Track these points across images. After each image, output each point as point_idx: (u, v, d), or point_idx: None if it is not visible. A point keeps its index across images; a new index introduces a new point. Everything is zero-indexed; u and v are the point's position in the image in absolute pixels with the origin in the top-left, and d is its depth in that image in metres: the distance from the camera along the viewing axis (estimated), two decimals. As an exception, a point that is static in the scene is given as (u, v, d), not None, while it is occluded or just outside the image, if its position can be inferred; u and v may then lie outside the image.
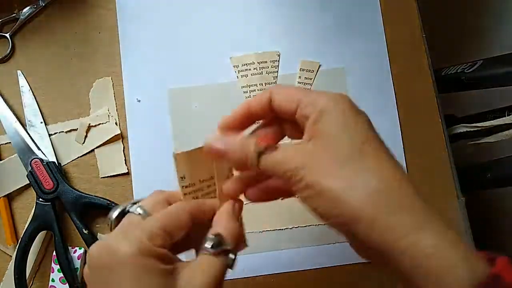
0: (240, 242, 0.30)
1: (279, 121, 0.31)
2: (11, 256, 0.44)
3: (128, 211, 0.29)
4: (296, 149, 0.28)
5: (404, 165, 0.47)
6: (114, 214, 0.29)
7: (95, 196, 0.45)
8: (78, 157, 0.47)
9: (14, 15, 0.49)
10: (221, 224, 0.30)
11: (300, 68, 0.48)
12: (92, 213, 0.46)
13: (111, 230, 0.29)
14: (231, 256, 0.28)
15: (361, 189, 0.25)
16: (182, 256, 0.30)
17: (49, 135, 0.47)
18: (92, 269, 0.27)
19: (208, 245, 0.28)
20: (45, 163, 0.45)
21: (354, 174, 0.25)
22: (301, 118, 0.28)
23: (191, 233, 0.29)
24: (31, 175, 0.44)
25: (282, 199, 0.45)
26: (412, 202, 0.25)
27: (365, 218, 0.25)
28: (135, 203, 0.30)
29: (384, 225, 0.24)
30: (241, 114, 0.32)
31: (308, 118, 0.28)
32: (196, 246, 0.30)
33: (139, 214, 0.28)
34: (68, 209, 0.44)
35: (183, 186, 0.30)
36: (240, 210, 0.32)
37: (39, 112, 0.47)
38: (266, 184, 0.32)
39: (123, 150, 0.47)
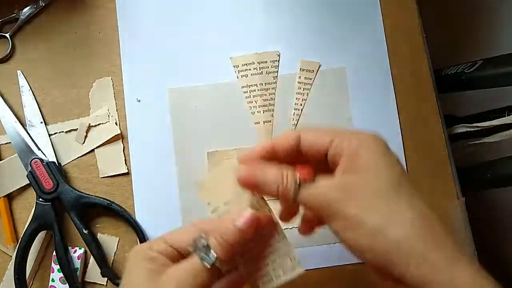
0: (235, 255, 0.29)
1: (303, 161, 0.30)
2: (11, 256, 0.44)
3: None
4: (333, 182, 0.28)
5: (404, 165, 0.47)
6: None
7: (95, 196, 0.45)
8: (78, 157, 0.47)
9: (14, 15, 0.49)
10: (217, 231, 0.29)
11: (300, 68, 0.48)
12: (92, 213, 0.46)
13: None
14: (209, 259, 0.27)
15: (400, 224, 0.25)
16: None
17: (49, 135, 0.47)
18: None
19: (194, 247, 0.28)
20: (45, 163, 0.45)
21: (393, 209, 0.26)
22: (335, 156, 0.29)
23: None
24: (31, 175, 0.44)
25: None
26: (445, 237, 0.26)
27: (403, 252, 0.25)
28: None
29: (422, 260, 0.25)
30: (263, 151, 0.31)
31: (342, 155, 0.28)
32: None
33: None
34: (68, 209, 0.44)
35: (211, 211, 0.30)
36: (255, 228, 0.30)
37: (39, 112, 0.47)
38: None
39: (123, 150, 0.47)
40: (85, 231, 0.44)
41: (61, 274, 0.43)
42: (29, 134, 0.46)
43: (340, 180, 0.28)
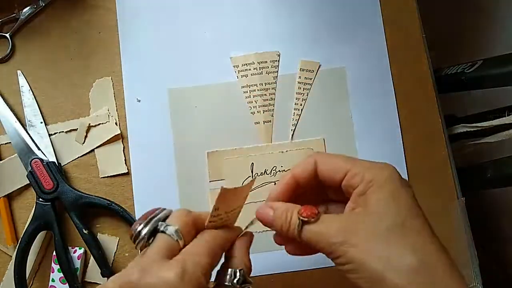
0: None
1: (322, 186, 0.32)
2: (11, 256, 0.44)
3: (161, 231, 0.28)
4: (339, 221, 0.28)
5: (404, 165, 0.47)
6: (145, 230, 0.28)
7: (95, 196, 0.45)
8: (78, 157, 0.47)
9: (14, 15, 0.49)
10: (240, 259, 0.30)
11: (300, 68, 0.48)
12: (92, 213, 0.46)
13: (140, 248, 0.29)
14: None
15: (399, 272, 0.26)
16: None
17: (49, 135, 0.47)
18: None
19: (234, 280, 0.28)
20: (45, 163, 0.45)
21: (394, 253, 0.26)
22: (348, 188, 0.29)
23: None
24: (31, 175, 0.44)
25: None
26: (449, 280, 0.26)
27: None
28: (163, 219, 0.29)
29: None
30: (287, 185, 0.32)
31: (354, 188, 0.29)
32: None
33: (176, 240, 0.28)
34: (68, 209, 0.44)
35: (213, 215, 0.30)
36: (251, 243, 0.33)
37: (39, 112, 0.47)
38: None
39: (123, 150, 0.47)
40: (85, 231, 0.44)
41: (61, 274, 0.43)
42: (29, 134, 0.46)
43: (346, 219, 0.28)
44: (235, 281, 0.28)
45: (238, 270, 0.29)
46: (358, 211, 0.28)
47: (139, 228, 0.29)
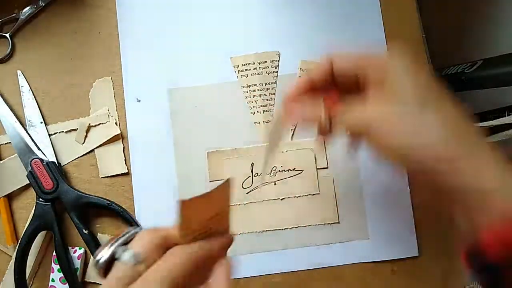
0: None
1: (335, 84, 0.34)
2: (11, 256, 0.45)
3: (116, 258, 0.26)
4: (362, 111, 0.31)
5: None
6: (103, 259, 0.26)
7: (95, 196, 0.45)
8: (78, 157, 0.47)
9: (14, 15, 0.49)
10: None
11: (300, 68, 0.48)
12: (92, 213, 0.46)
13: (102, 276, 0.27)
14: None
15: (426, 135, 0.28)
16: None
17: (49, 135, 0.47)
18: None
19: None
20: (45, 163, 0.45)
21: (419, 124, 0.29)
22: (364, 82, 0.32)
23: None
24: (31, 175, 0.44)
25: (282, 199, 0.45)
26: (472, 137, 0.29)
27: (431, 160, 0.28)
28: (126, 243, 0.27)
29: (448, 165, 0.28)
30: (304, 85, 0.34)
31: (370, 81, 0.31)
32: None
33: (134, 264, 0.26)
34: (68, 209, 0.44)
35: (184, 231, 0.27)
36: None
37: (39, 112, 0.47)
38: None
39: (123, 150, 0.47)
40: (85, 231, 0.44)
41: (61, 274, 0.43)
42: (29, 134, 0.46)
43: (370, 109, 0.31)
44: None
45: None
46: (379, 98, 0.31)
47: (97, 257, 0.26)
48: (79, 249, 0.45)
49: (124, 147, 0.47)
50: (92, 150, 0.47)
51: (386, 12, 0.49)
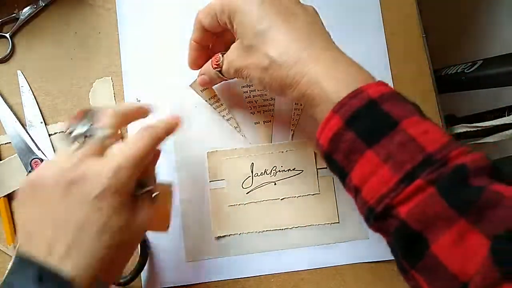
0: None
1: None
2: (11, 256, 0.45)
3: (90, 135, 0.33)
4: (231, 52, 0.38)
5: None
6: (76, 132, 0.33)
7: (95, 196, 0.45)
8: (78, 157, 0.47)
9: (14, 15, 0.49)
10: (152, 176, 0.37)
11: (300, 68, 0.48)
12: (92, 213, 0.46)
13: (70, 146, 0.33)
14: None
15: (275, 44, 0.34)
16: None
17: (49, 135, 0.47)
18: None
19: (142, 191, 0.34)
20: (45, 163, 0.45)
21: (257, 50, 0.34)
22: (224, 26, 0.37)
23: None
24: (31, 175, 0.44)
25: (282, 199, 0.45)
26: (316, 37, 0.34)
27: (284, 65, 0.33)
28: (94, 120, 0.33)
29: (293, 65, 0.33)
30: (195, 51, 0.42)
31: (227, 20, 0.36)
32: None
33: (105, 140, 0.33)
34: (68, 209, 0.44)
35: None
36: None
37: (39, 112, 0.47)
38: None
39: (123, 150, 0.46)
40: (85, 231, 0.44)
41: (61, 274, 0.43)
42: (29, 134, 0.46)
43: (237, 46, 0.37)
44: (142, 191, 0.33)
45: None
46: (237, 35, 0.36)
47: (70, 130, 0.33)
48: (79, 249, 0.45)
49: (124, 147, 0.47)
50: (92, 150, 0.47)
51: (386, 12, 0.49)
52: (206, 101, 0.47)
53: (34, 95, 0.48)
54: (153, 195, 0.35)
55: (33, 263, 0.28)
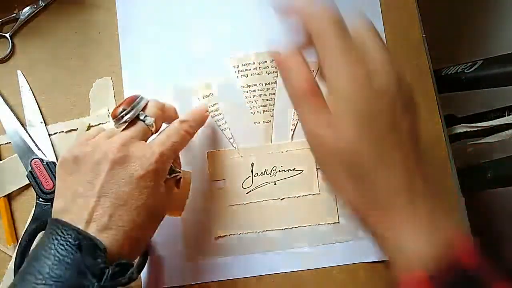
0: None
1: None
2: (11, 256, 0.44)
3: (141, 119, 0.37)
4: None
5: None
6: (128, 116, 0.36)
7: (95, 196, 0.45)
8: (78, 157, 0.47)
9: (14, 15, 0.49)
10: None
11: (300, 68, 0.48)
12: (92, 213, 0.46)
13: (117, 128, 0.37)
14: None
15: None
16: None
17: (49, 135, 0.47)
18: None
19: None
20: (45, 163, 0.45)
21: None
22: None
23: None
24: (31, 175, 0.44)
25: (282, 199, 0.45)
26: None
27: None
28: (143, 109, 0.37)
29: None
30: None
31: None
32: None
33: (151, 129, 0.37)
34: (68, 209, 0.44)
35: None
36: None
37: (39, 112, 0.47)
38: None
39: (123, 150, 0.46)
40: (85, 231, 0.44)
41: (61, 274, 0.43)
42: (29, 134, 0.46)
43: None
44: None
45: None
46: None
47: (123, 113, 0.36)
48: (79, 249, 0.45)
49: (124, 147, 0.47)
50: (92, 150, 0.47)
51: (386, 12, 0.49)
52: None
53: (34, 95, 0.48)
54: (179, 178, 0.39)
55: (73, 228, 0.30)
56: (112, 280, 0.30)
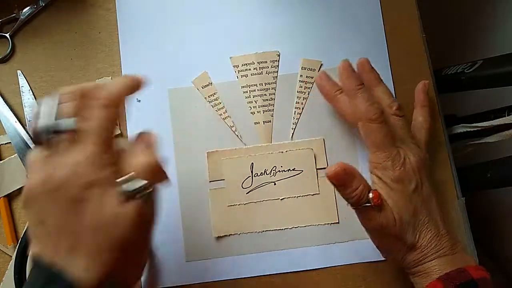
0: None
1: None
2: (11, 256, 0.45)
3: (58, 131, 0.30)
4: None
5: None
6: (43, 135, 0.30)
7: (95, 196, 0.45)
8: (78, 157, 0.47)
9: (14, 15, 0.49)
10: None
11: (302, 67, 0.48)
12: (92, 213, 0.46)
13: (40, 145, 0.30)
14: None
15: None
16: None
17: (49, 135, 0.47)
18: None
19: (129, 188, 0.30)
20: (45, 163, 0.45)
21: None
22: None
23: None
24: (31, 175, 0.44)
25: (282, 199, 0.45)
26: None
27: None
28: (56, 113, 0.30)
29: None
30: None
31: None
32: None
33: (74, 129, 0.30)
34: (68, 209, 0.44)
35: None
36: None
37: (39, 112, 0.47)
38: None
39: (123, 150, 0.46)
40: (85, 231, 0.44)
41: (61, 274, 0.43)
42: (29, 134, 0.46)
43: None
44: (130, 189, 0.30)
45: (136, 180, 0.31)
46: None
47: (39, 128, 0.30)
48: (79, 249, 0.45)
49: (124, 147, 0.47)
50: (92, 150, 0.47)
51: (386, 12, 0.49)
52: (205, 98, 0.47)
53: (34, 95, 0.48)
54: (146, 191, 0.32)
55: (41, 265, 0.29)
56: None
